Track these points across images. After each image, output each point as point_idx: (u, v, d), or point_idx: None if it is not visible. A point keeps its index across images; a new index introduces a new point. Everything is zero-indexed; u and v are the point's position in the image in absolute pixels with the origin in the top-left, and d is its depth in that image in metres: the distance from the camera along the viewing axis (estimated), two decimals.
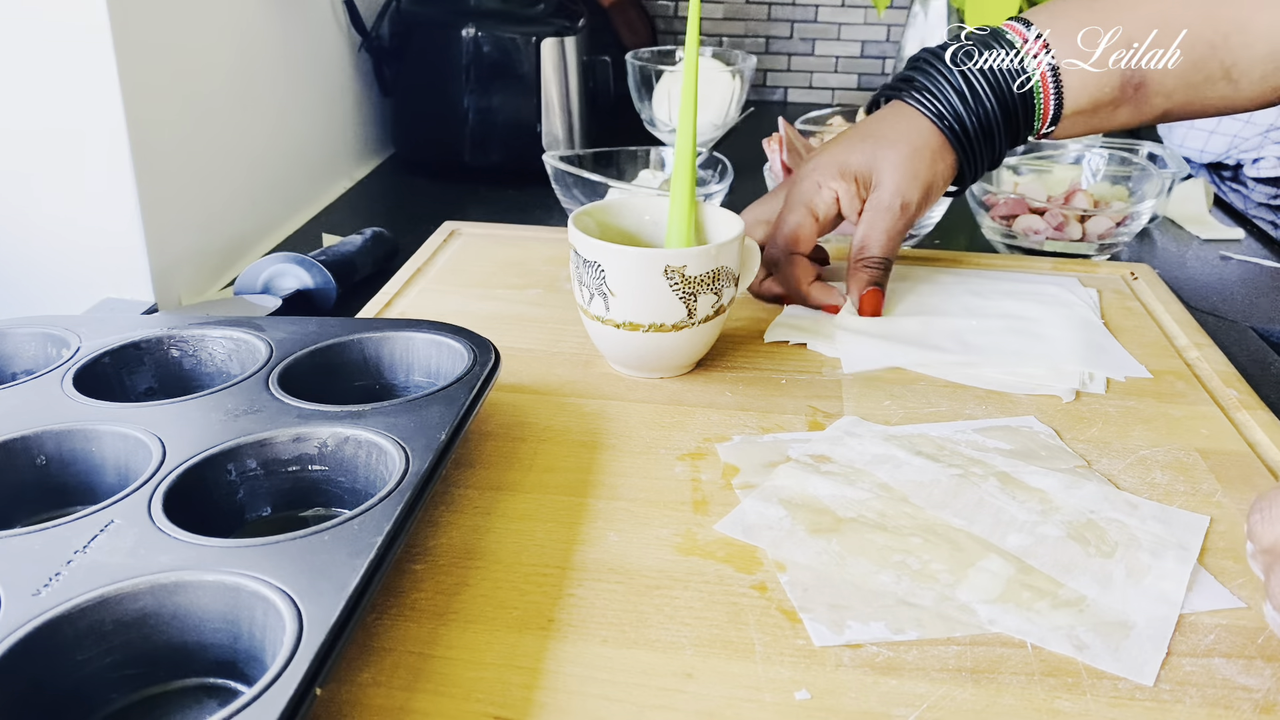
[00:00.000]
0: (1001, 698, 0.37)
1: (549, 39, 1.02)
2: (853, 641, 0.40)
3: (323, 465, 0.46)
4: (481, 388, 0.50)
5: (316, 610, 0.34)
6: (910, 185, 0.66)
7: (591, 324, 0.60)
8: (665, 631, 0.40)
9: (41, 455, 0.46)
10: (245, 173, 0.85)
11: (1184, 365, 0.64)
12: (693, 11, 0.57)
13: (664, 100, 1.11)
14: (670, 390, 0.60)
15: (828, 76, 1.44)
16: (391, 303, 0.70)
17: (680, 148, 0.59)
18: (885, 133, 0.68)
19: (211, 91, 0.79)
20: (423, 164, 1.11)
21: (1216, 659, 0.40)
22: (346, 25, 1.04)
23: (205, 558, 0.37)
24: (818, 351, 0.64)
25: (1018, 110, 0.67)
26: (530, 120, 1.04)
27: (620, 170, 0.91)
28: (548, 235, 0.83)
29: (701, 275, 0.56)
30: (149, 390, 0.54)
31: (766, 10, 1.41)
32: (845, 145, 0.68)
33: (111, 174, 0.69)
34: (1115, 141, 1.00)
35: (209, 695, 0.36)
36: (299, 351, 0.53)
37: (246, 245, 0.86)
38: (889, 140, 0.67)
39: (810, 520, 0.47)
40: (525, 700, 0.37)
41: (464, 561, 0.44)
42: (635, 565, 0.44)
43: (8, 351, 0.56)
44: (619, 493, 0.50)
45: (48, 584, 0.36)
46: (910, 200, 0.67)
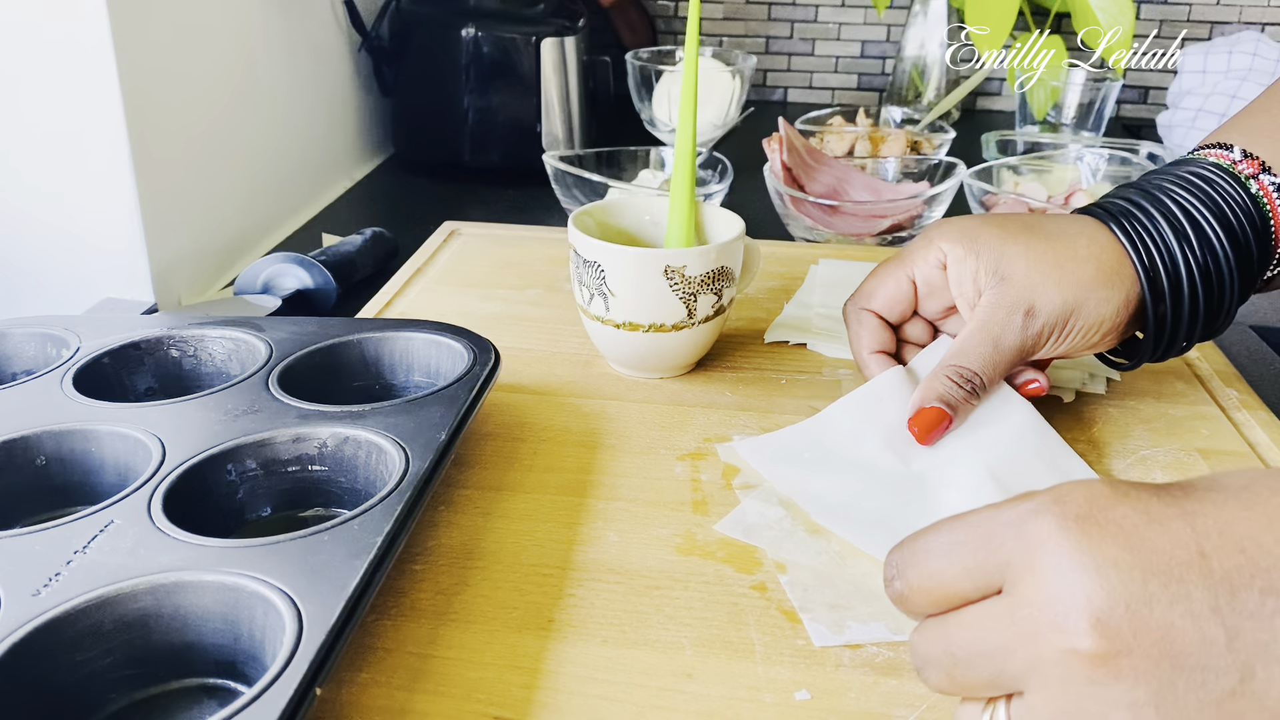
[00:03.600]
0: None
1: (549, 39, 1.02)
2: (853, 642, 0.40)
3: (323, 465, 0.46)
4: (481, 388, 0.50)
5: (316, 610, 0.34)
6: (1048, 290, 0.50)
7: (591, 324, 0.60)
8: (665, 631, 0.40)
9: (41, 455, 0.46)
10: (245, 173, 0.85)
11: (1184, 365, 0.64)
12: (693, 11, 0.57)
13: (664, 100, 1.11)
14: (670, 390, 0.60)
15: (828, 76, 1.44)
16: (391, 303, 0.70)
17: (680, 148, 0.59)
18: (1044, 224, 0.52)
19: (211, 92, 0.79)
20: (423, 164, 1.11)
21: None
22: (346, 25, 1.04)
23: (205, 558, 0.37)
24: (818, 351, 0.64)
25: (1246, 238, 0.50)
26: (530, 120, 1.04)
27: (620, 170, 0.91)
28: (548, 235, 0.83)
29: (701, 275, 0.56)
30: (149, 390, 0.54)
31: (766, 10, 1.41)
32: (987, 215, 0.55)
33: (111, 174, 0.69)
34: (1115, 141, 1.00)
35: (209, 695, 0.36)
36: (299, 351, 0.53)
37: (246, 245, 0.86)
38: (1042, 232, 0.52)
39: (810, 520, 0.47)
40: (525, 700, 0.37)
41: (464, 561, 0.44)
42: (635, 565, 0.44)
43: (8, 351, 0.56)
44: (619, 493, 0.50)
45: (48, 584, 0.36)
46: (1040, 307, 0.50)
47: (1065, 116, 1.20)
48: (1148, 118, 1.36)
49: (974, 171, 0.87)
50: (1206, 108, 1.12)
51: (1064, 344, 0.51)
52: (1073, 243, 0.51)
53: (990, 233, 0.52)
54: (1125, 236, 0.50)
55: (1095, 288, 0.50)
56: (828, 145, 1.03)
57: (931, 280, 0.54)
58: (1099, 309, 0.50)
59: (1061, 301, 0.50)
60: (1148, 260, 0.50)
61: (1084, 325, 0.50)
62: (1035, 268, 0.50)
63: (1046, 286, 0.50)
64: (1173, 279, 0.50)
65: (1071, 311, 0.50)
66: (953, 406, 0.50)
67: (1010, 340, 0.50)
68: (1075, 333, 0.51)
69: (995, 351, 0.50)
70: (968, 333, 0.51)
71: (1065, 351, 0.52)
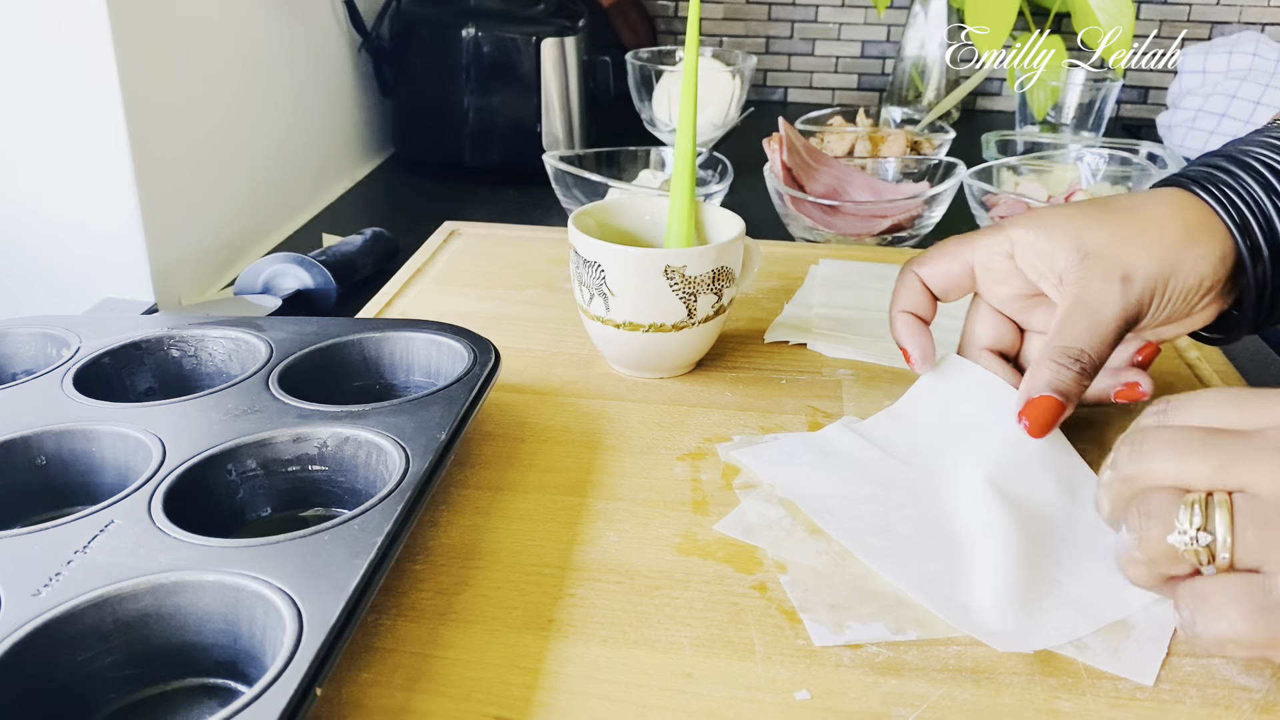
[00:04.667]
0: (1001, 698, 0.37)
1: (549, 39, 1.02)
2: (853, 641, 0.40)
3: (323, 465, 0.46)
4: (481, 388, 0.50)
5: (316, 610, 0.34)
6: (1138, 255, 0.47)
7: (591, 324, 0.60)
8: (665, 631, 0.40)
9: (41, 455, 0.46)
10: (245, 173, 0.85)
11: (1184, 365, 0.64)
12: (693, 11, 0.57)
13: (664, 100, 1.11)
14: (670, 390, 0.60)
15: (828, 76, 1.44)
16: (391, 303, 0.70)
17: (680, 148, 0.59)
18: (1118, 200, 0.50)
19: (211, 91, 0.79)
20: (423, 164, 1.11)
21: (1216, 659, 0.39)
22: (346, 25, 1.04)
23: (205, 558, 0.37)
24: (818, 351, 0.64)
25: None
26: (530, 120, 1.04)
27: (620, 170, 0.91)
28: (548, 235, 0.83)
29: (701, 275, 0.56)
30: (149, 390, 0.54)
31: (766, 10, 1.41)
32: (1060, 205, 0.53)
33: (111, 174, 0.69)
34: (1115, 141, 1.00)
35: (209, 695, 0.36)
36: (299, 351, 0.53)
37: (246, 245, 0.86)
38: (1118, 206, 0.50)
39: (810, 520, 0.47)
40: (525, 700, 0.37)
41: (464, 561, 0.44)
42: (635, 565, 0.44)
43: (8, 351, 0.56)
44: (619, 493, 0.50)
45: (48, 584, 0.36)
46: (1134, 272, 0.47)
47: (1065, 116, 1.20)
48: (1148, 118, 1.36)
49: (974, 171, 0.87)
50: (1206, 108, 1.12)
51: (1166, 309, 0.48)
52: (1152, 210, 0.48)
53: (1062, 215, 0.50)
54: (1209, 195, 0.48)
55: (1187, 246, 0.47)
56: (828, 145, 1.03)
57: (992, 267, 0.52)
58: (1196, 267, 0.47)
59: (1156, 265, 0.47)
60: (1236, 215, 0.48)
61: (1183, 286, 0.48)
62: (1119, 237, 0.48)
63: (1136, 252, 0.47)
64: (1268, 231, 0.47)
65: (1170, 274, 0.47)
66: (1064, 393, 0.47)
67: (1111, 309, 0.47)
68: (1176, 295, 0.48)
69: (1098, 324, 0.47)
70: (1063, 311, 0.48)
71: (1167, 319, 0.49)
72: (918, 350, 0.54)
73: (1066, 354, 0.47)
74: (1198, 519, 0.34)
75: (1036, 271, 0.50)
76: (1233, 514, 0.34)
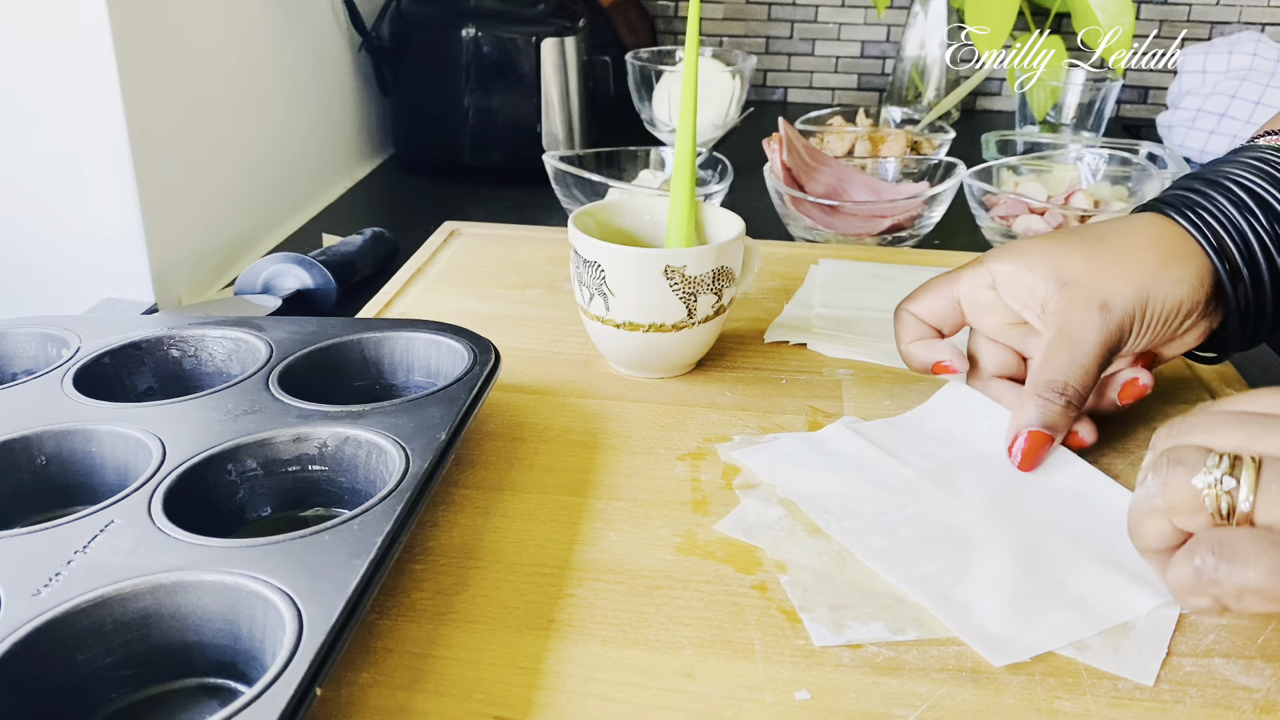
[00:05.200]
0: (1001, 698, 0.37)
1: (549, 39, 1.02)
2: (853, 641, 0.40)
3: (323, 465, 0.46)
4: (481, 388, 0.50)
5: (316, 610, 0.34)
6: (1115, 282, 0.48)
7: (591, 324, 0.60)
8: (665, 631, 0.40)
9: (41, 455, 0.46)
10: (245, 173, 0.85)
11: (1185, 366, 0.64)
12: (693, 11, 0.57)
13: (664, 100, 1.11)
14: (670, 390, 0.60)
15: (828, 76, 1.44)
16: (391, 303, 0.70)
17: (680, 148, 0.59)
18: (1094, 228, 0.52)
19: (212, 92, 0.79)
20: (423, 164, 1.11)
21: (1216, 659, 0.39)
22: (346, 25, 1.04)
23: (205, 558, 0.37)
24: (818, 351, 0.64)
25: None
26: (530, 120, 1.04)
27: (620, 170, 0.91)
28: (548, 235, 0.83)
29: (701, 275, 0.56)
30: (149, 390, 0.54)
31: (766, 10, 1.41)
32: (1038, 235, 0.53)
33: (111, 174, 0.69)
34: (1115, 141, 1.00)
35: (209, 695, 0.36)
36: (299, 351, 0.53)
37: (246, 245, 0.86)
38: (1094, 234, 0.51)
39: (810, 520, 0.47)
40: (525, 700, 0.37)
41: (464, 561, 0.44)
42: (635, 565, 0.44)
43: (8, 351, 0.56)
44: (619, 493, 0.50)
45: (48, 584, 0.36)
46: (1112, 300, 0.48)
47: (1065, 116, 1.20)
48: (1148, 118, 1.36)
49: (974, 171, 0.87)
50: (1206, 108, 1.12)
51: (1146, 334, 0.49)
52: (1128, 237, 0.49)
53: (1041, 245, 0.51)
54: (1183, 218, 0.49)
55: (1163, 270, 0.48)
56: (828, 145, 1.03)
57: (977, 299, 0.53)
58: (1174, 290, 0.48)
59: (1133, 291, 0.48)
60: (1212, 236, 0.49)
61: (1163, 310, 0.49)
62: (1096, 265, 0.49)
63: (1113, 280, 0.48)
64: (1245, 252, 0.48)
65: (1147, 298, 0.48)
66: (1051, 426, 0.48)
67: (1091, 338, 0.48)
68: (1155, 319, 0.49)
69: (1080, 354, 0.48)
70: (1046, 344, 0.49)
71: (1150, 344, 0.50)
72: (947, 353, 0.54)
73: (1051, 388, 0.48)
74: (1225, 465, 0.35)
75: (1019, 301, 0.51)
76: (1260, 471, 0.35)
